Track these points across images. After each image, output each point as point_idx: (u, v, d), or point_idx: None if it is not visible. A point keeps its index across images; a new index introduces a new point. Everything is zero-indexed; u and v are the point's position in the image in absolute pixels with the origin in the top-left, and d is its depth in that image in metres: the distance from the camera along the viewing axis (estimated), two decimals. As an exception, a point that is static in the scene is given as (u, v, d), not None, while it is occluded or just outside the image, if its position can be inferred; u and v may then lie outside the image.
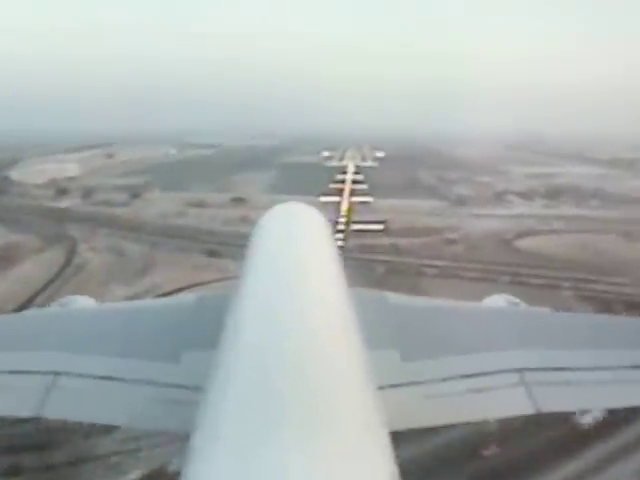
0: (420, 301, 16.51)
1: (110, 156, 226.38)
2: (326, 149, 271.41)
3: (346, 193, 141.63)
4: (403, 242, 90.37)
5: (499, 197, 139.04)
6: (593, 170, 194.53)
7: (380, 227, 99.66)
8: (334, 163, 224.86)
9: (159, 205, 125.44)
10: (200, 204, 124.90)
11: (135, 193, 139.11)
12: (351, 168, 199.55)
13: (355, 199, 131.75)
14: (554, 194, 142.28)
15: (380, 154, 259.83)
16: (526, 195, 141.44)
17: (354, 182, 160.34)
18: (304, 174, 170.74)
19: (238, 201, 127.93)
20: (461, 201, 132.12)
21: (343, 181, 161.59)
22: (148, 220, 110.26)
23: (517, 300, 18.45)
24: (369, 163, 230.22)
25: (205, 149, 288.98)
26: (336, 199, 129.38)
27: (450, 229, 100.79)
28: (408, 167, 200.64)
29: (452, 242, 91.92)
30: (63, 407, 11.06)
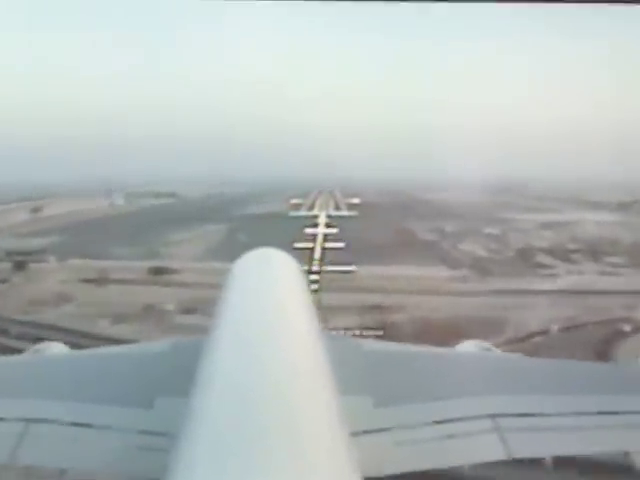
0: (393, 347, 15.64)
1: (36, 210, 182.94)
2: (295, 197, 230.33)
3: (318, 244, 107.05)
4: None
5: (527, 258, 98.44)
6: (608, 217, 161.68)
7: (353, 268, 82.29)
8: (302, 213, 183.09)
9: (40, 282, 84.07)
10: (100, 279, 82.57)
11: (20, 263, 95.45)
12: (323, 218, 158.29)
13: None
14: (592, 250, 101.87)
15: (355, 200, 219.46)
16: (559, 254, 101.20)
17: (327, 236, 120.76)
18: (264, 228, 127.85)
19: (157, 273, 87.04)
20: (482, 267, 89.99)
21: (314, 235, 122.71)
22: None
23: (489, 345, 18.20)
24: (345, 212, 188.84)
25: (160, 198, 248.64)
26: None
27: (507, 341, 58.47)
28: (394, 217, 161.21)
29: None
30: (36, 454, 10.62)
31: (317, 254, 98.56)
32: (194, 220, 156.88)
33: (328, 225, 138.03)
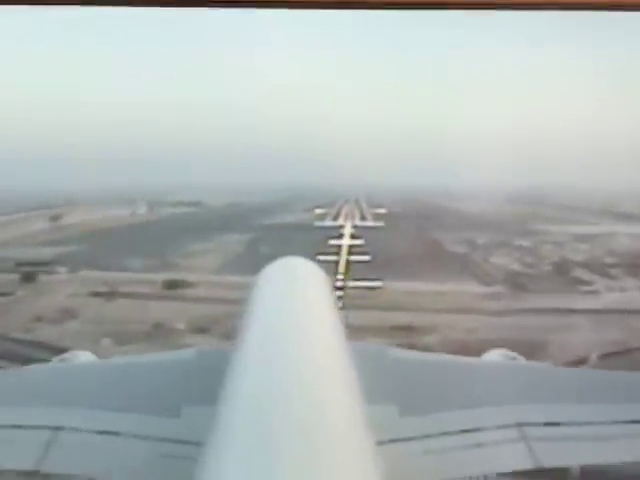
0: (419, 356, 16.11)
1: (55, 218, 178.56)
2: (319, 206, 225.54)
3: (342, 257, 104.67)
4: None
5: (564, 273, 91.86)
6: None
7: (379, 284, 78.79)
8: (327, 223, 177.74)
9: (47, 295, 78.87)
10: (110, 293, 77.42)
11: (29, 274, 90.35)
12: (348, 229, 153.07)
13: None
14: (630, 265, 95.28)
15: (382, 210, 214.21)
16: (596, 268, 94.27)
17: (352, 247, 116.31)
18: (287, 239, 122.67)
19: (171, 287, 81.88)
20: (516, 283, 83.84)
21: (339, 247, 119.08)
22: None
23: (515, 355, 17.83)
24: (370, 222, 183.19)
25: (183, 207, 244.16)
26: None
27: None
28: (421, 228, 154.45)
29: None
30: (63, 461, 10.72)
31: (342, 267, 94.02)
32: (215, 230, 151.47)
33: (353, 236, 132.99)
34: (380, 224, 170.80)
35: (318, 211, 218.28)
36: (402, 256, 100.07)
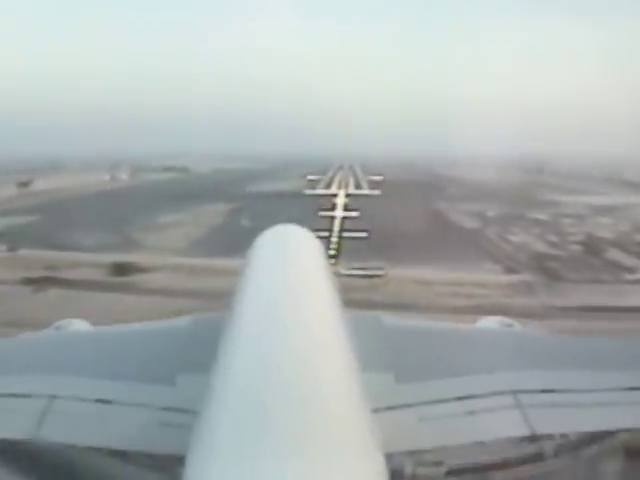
0: (414, 323, 15.71)
1: (25, 184, 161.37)
2: (312, 173, 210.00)
3: (335, 232, 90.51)
4: None
5: (597, 253, 75.71)
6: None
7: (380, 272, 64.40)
8: (319, 191, 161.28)
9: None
10: (44, 280, 61.02)
11: (-42, 253, 73.80)
12: (342, 198, 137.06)
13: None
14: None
15: (378, 178, 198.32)
16: (632, 249, 78.23)
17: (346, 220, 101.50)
18: (273, 209, 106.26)
19: (121, 272, 65.19)
20: (547, 269, 67.59)
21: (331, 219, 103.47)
22: None
23: (511, 322, 17.65)
24: (366, 190, 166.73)
25: (168, 173, 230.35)
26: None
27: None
28: (421, 197, 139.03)
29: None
30: (58, 430, 10.42)
31: (333, 245, 78.28)
32: (195, 198, 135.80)
33: (347, 208, 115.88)
34: (376, 192, 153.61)
35: (310, 177, 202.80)
36: (404, 233, 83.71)
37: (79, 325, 18.33)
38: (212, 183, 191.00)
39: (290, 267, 13.79)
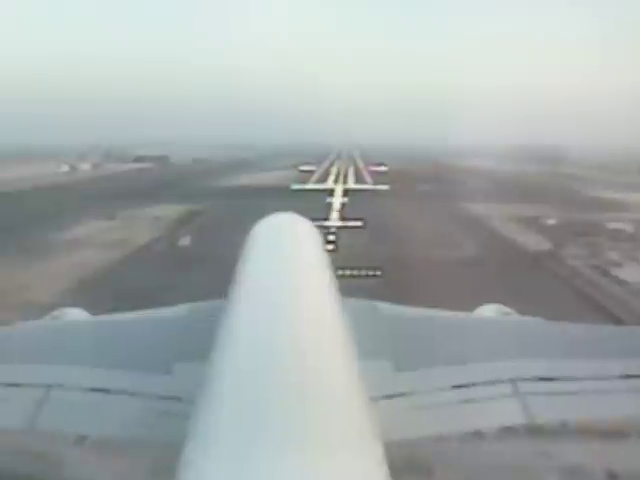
0: (412, 311, 14.71)
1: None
2: (305, 163, 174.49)
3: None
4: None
5: None
6: None
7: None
8: (310, 186, 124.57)
9: None
10: None
11: None
12: (339, 197, 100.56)
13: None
14: None
15: (382, 168, 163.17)
16: None
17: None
18: (238, 214, 69.65)
19: None
20: None
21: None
22: None
23: (509, 310, 17.03)
24: (369, 185, 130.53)
25: (141, 163, 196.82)
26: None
27: None
28: (441, 195, 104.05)
29: None
30: (56, 419, 10.27)
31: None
32: (147, 195, 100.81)
33: (347, 215, 78.14)
34: (383, 188, 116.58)
35: (303, 168, 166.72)
36: (442, 266, 47.93)
37: (75, 314, 17.37)
38: (182, 175, 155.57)
39: (287, 255, 13.56)
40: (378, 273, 44.96)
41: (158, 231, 68.42)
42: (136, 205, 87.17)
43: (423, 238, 62.20)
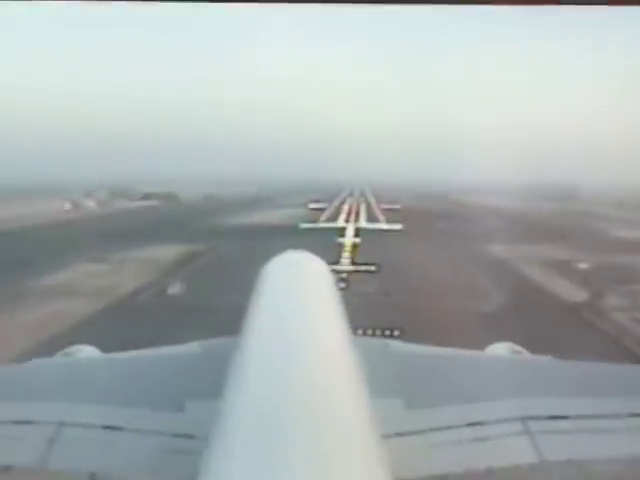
0: (423, 349, 14.79)
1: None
2: (315, 201, 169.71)
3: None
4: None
5: None
6: None
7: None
8: (321, 225, 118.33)
9: None
10: None
11: None
12: (350, 238, 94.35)
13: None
14: None
15: (396, 206, 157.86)
16: None
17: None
18: (239, 257, 64.44)
19: None
20: None
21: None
22: None
23: (520, 348, 16.82)
24: (382, 224, 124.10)
25: (148, 201, 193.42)
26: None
27: None
28: (459, 234, 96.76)
29: None
30: (67, 457, 10.18)
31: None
32: (148, 235, 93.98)
33: (356, 262, 70.74)
34: (397, 227, 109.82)
35: (313, 206, 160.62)
36: (469, 320, 41.10)
37: (88, 351, 17.38)
38: (189, 214, 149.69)
39: (299, 294, 13.48)
40: (397, 333, 38.12)
41: (153, 275, 62.08)
42: (133, 246, 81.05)
43: (444, 286, 55.69)
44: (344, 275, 56.17)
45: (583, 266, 66.51)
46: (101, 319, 44.66)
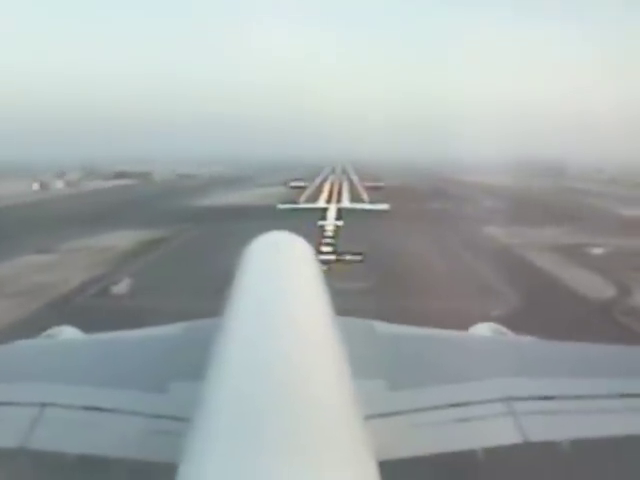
0: (407, 330, 14.41)
1: None
2: (296, 179, 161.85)
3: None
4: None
5: None
6: None
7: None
8: (301, 205, 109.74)
9: None
10: None
11: None
12: (332, 219, 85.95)
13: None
14: None
15: (379, 184, 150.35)
16: None
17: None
18: (208, 245, 55.42)
19: None
20: None
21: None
22: None
23: (504, 329, 16.56)
24: (366, 204, 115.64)
25: (120, 180, 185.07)
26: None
27: None
28: (453, 216, 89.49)
29: None
30: (50, 438, 9.69)
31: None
32: (112, 218, 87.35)
33: (336, 252, 61.48)
34: (383, 207, 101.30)
35: (293, 184, 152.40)
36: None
37: (70, 332, 17.08)
38: (161, 194, 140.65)
39: (282, 274, 13.35)
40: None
41: (101, 268, 53.12)
42: (89, 232, 72.15)
43: (443, 281, 47.30)
44: (324, 268, 47.64)
45: (598, 251, 58.45)
46: (16, 331, 35.61)
